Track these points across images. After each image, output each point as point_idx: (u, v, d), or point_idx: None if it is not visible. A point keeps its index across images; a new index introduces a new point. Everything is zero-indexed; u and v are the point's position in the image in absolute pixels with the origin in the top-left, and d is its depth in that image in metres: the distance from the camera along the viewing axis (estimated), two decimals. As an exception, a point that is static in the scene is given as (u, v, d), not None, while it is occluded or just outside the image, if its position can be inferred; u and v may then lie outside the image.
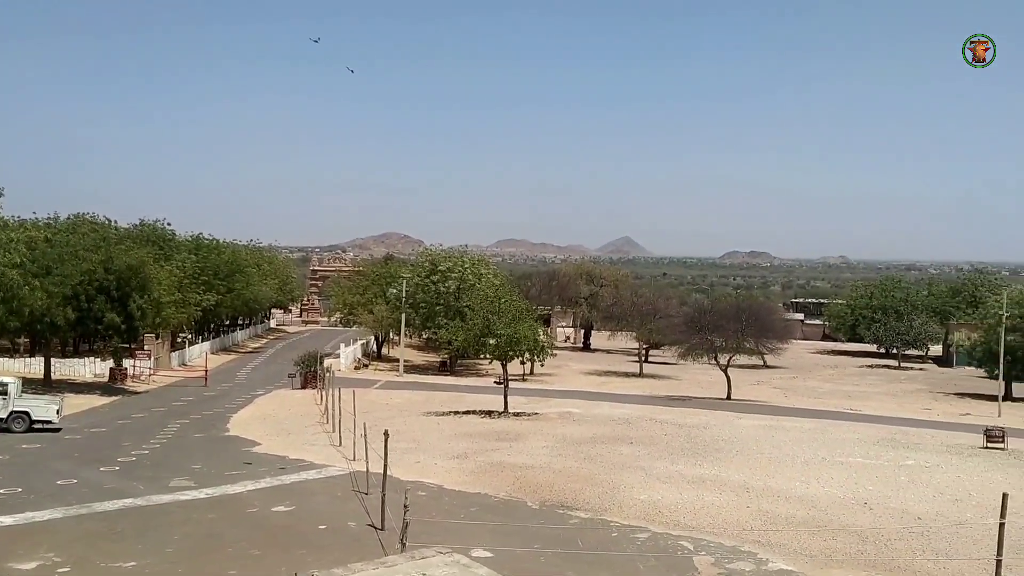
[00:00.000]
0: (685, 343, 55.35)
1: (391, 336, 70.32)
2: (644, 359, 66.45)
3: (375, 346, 70.86)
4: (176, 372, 56.22)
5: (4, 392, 32.18)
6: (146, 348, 53.51)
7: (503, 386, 40.65)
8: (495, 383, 49.06)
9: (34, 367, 48.65)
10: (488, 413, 38.82)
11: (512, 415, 38.28)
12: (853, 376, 67.38)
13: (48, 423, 32.55)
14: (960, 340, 69.98)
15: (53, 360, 47.76)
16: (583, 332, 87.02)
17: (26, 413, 32.27)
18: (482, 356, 48.69)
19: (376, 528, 18.84)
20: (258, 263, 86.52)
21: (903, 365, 74.42)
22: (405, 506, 15.56)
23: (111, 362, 50.68)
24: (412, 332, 67.68)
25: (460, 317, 51.78)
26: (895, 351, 76.76)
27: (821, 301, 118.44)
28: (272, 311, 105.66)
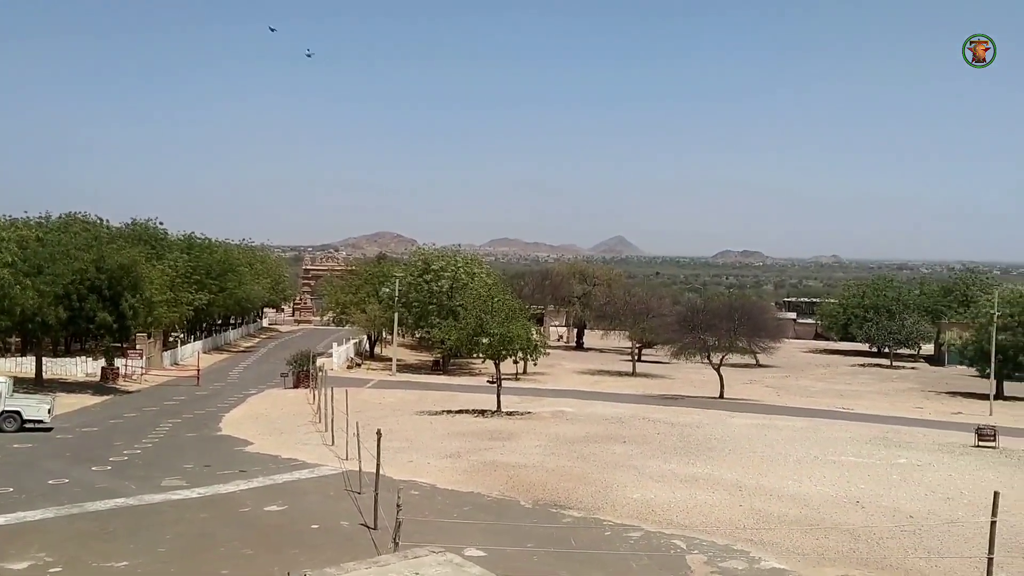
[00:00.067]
0: (678, 342, 55.44)
1: (384, 335, 70.29)
2: (637, 358, 66.51)
3: (368, 345, 70.82)
4: (168, 371, 56.09)
5: (-5, 391, 32.07)
6: (138, 347, 53.36)
7: (496, 385, 40.68)
8: (488, 382, 49.08)
9: (25, 366, 48.51)
10: (481, 412, 38.84)
11: (505, 414, 38.30)
12: (845, 375, 67.56)
13: (39, 422, 32.46)
14: (952, 339, 70.28)
15: (44, 359, 47.59)
16: (576, 331, 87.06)
17: (17, 412, 32.17)
18: (475, 355, 48.80)
19: (369, 527, 18.83)
20: (250, 262, 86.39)
21: (895, 364, 74.60)
22: (398, 505, 15.55)
23: (103, 361, 50.56)
24: (405, 331, 67.59)
25: (453, 316, 51.80)
26: (887, 350, 76.93)
27: (813, 300, 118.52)
28: (264, 310, 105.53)
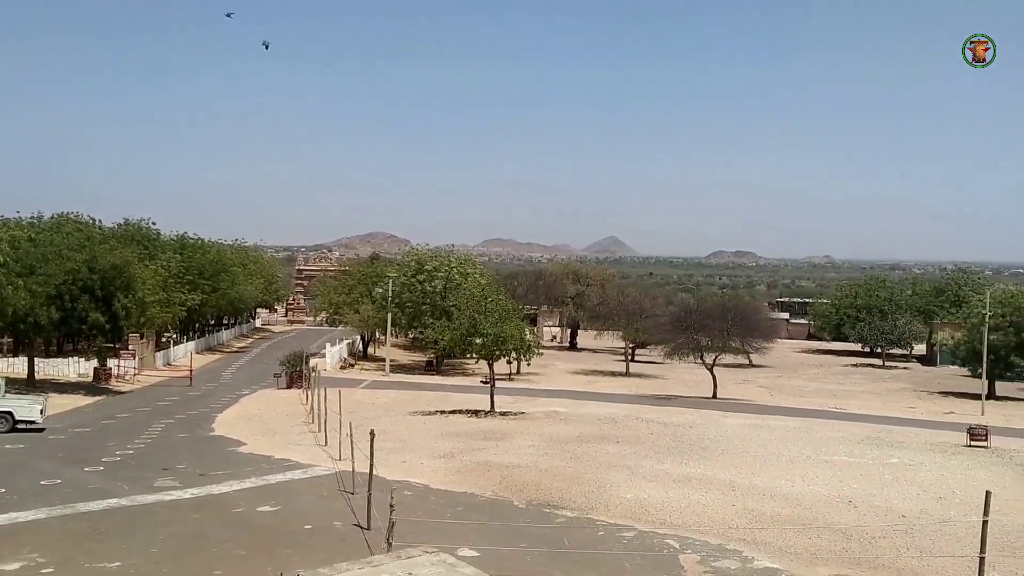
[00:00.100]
0: (671, 342, 55.51)
1: (377, 336, 70.20)
2: (630, 358, 66.58)
3: (361, 346, 70.72)
4: (161, 372, 55.92)
5: (-13, 392, 31.98)
6: (130, 348, 53.21)
7: (489, 385, 40.65)
8: (481, 382, 49.07)
9: (17, 367, 48.33)
10: (474, 412, 38.82)
11: (498, 414, 38.30)
12: (838, 375, 67.71)
13: (32, 423, 32.32)
14: (944, 339, 70.44)
15: (37, 360, 47.45)
16: (569, 331, 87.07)
17: (9, 413, 32.02)
18: (468, 356, 48.66)
19: (362, 528, 18.81)
20: (243, 262, 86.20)
21: (887, 364, 74.83)
22: (391, 506, 15.54)
23: (95, 362, 50.37)
24: (398, 332, 67.59)
25: (446, 316, 51.77)
26: (879, 350, 77.18)
27: (806, 300, 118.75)
28: (257, 311, 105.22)
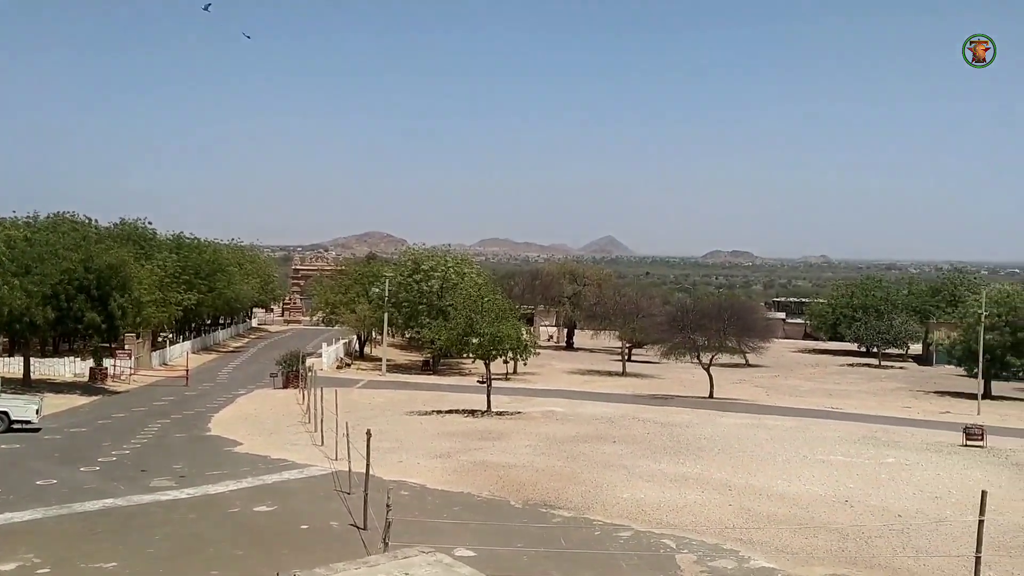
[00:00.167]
0: (668, 342, 55.52)
1: (374, 335, 70.21)
2: (627, 358, 66.62)
3: (357, 345, 70.71)
4: (157, 372, 55.86)
5: (-18, 392, 31.95)
6: (127, 347, 53.17)
7: (486, 385, 40.63)
8: (478, 382, 49.01)
9: (13, 367, 48.27)
10: (471, 412, 38.82)
11: (495, 414, 38.30)
12: (834, 374, 67.77)
13: (27, 423, 32.28)
14: (940, 339, 70.67)
15: (32, 360, 47.36)
16: (566, 331, 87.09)
17: (5, 413, 31.98)
18: (465, 355, 48.78)
19: (358, 528, 18.80)
20: (240, 262, 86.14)
21: (883, 364, 74.87)
22: (388, 505, 15.53)
23: (91, 362, 50.33)
24: (395, 331, 67.52)
25: (443, 316, 51.79)
26: (876, 350, 77.23)
27: (802, 300, 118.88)
28: (254, 310, 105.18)
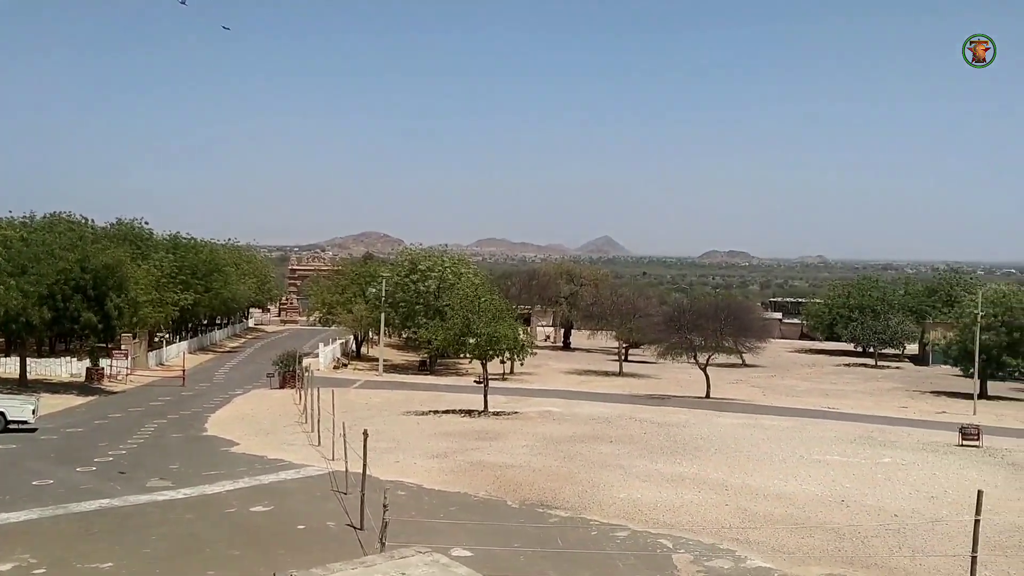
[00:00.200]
0: (665, 342, 55.50)
1: (370, 335, 70.13)
2: (624, 358, 66.59)
3: (354, 345, 70.63)
4: (153, 372, 55.79)
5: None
6: (123, 348, 53.09)
7: (483, 385, 40.66)
8: (475, 382, 49.05)
9: (9, 367, 48.16)
10: (468, 412, 38.82)
11: (492, 414, 38.30)
12: (830, 374, 67.81)
13: (24, 423, 32.24)
14: (936, 339, 70.64)
15: (29, 360, 47.25)
16: (563, 331, 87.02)
17: (1, 413, 31.91)
18: (462, 355, 48.74)
19: (355, 528, 18.80)
20: (236, 262, 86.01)
21: (880, 364, 74.91)
22: (384, 506, 15.54)
23: (88, 362, 50.22)
24: (392, 331, 67.43)
25: (440, 316, 51.73)
26: (872, 350, 77.30)
27: (799, 300, 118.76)
28: (250, 310, 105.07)
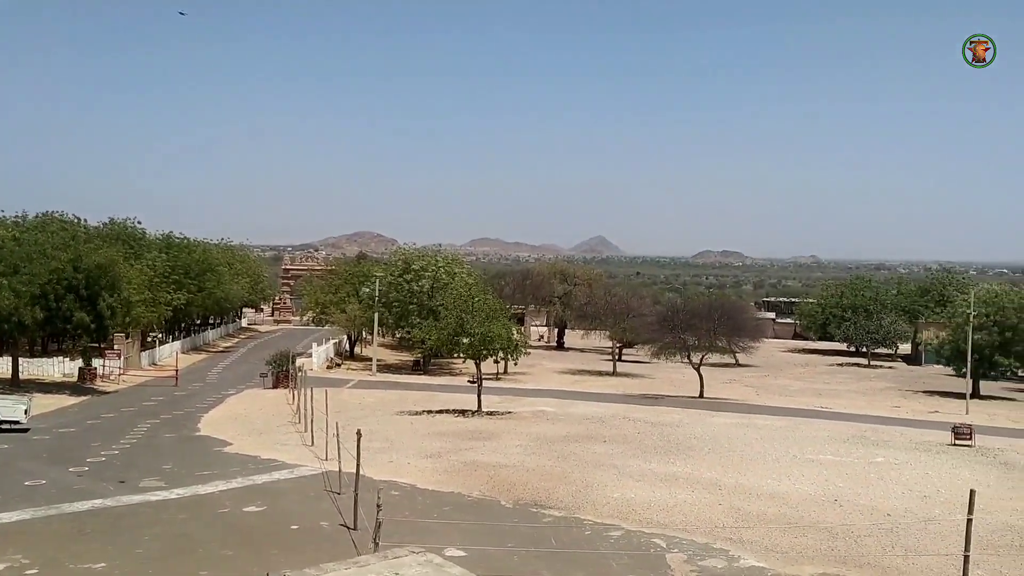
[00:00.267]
0: (658, 342, 55.54)
1: (364, 335, 70.05)
2: (617, 358, 66.66)
3: (348, 345, 70.56)
4: (146, 372, 55.65)
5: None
6: (116, 347, 52.89)
7: (477, 385, 40.63)
8: (469, 382, 49.00)
9: (1, 367, 47.99)
10: (462, 412, 38.79)
11: (486, 414, 38.29)
12: (824, 374, 67.97)
13: (16, 423, 32.14)
14: (929, 339, 70.88)
15: (21, 360, 47.11)
16: (557, 331, 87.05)
17: (-7, 413, 31.87)
18: (456, 355, 48.67)
19: (349, 528, 18.77)
20: (229, 262, 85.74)
21: (873, 363, 75.14)
22: (378, 506, 15.51)
23: (80, 362, 50.06)
24: (385, 331, 67.42)
25: (433, 316, 51.72)
26: (865, 349, 77.52)
27: (792, 300, 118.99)
28: (244, 310, 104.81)
